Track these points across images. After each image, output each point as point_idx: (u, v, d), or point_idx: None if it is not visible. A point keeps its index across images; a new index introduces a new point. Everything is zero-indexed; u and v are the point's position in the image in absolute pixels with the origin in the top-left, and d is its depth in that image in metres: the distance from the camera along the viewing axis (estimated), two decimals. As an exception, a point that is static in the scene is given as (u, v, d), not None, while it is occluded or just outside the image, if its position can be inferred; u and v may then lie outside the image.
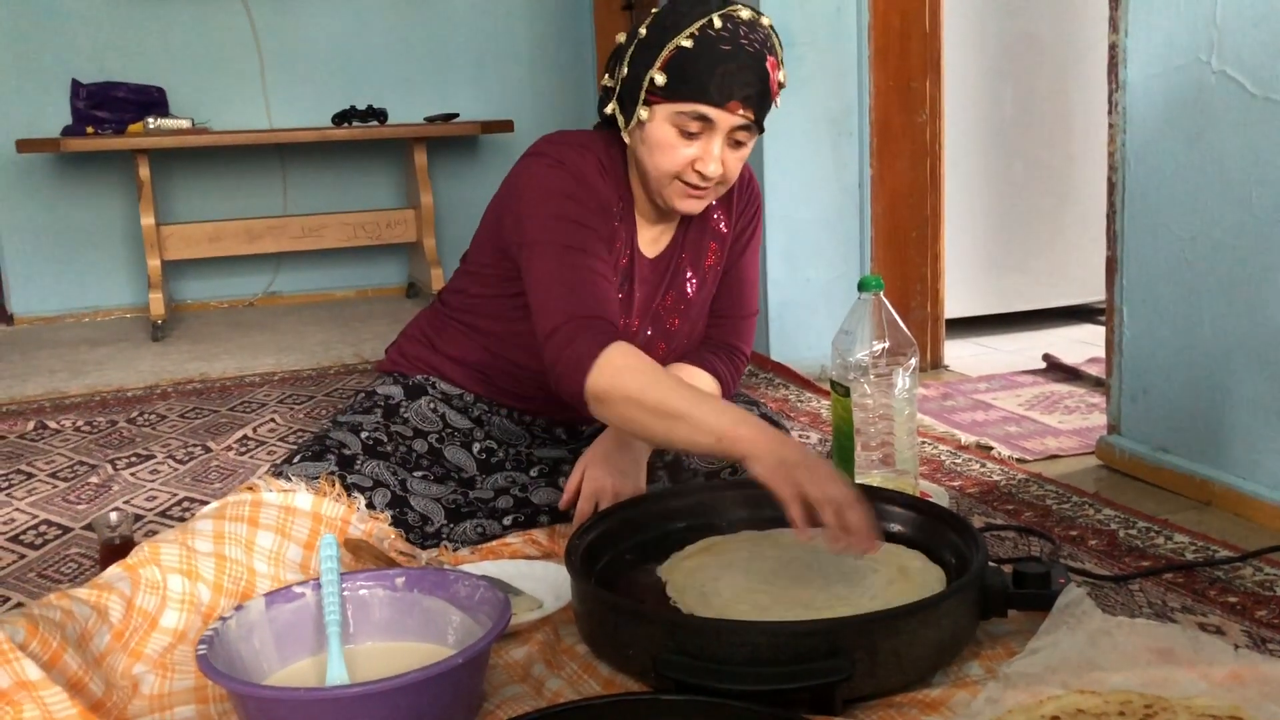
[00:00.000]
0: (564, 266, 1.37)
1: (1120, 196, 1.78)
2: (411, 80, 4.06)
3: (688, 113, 1.36)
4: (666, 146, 1.39)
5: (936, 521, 1.32)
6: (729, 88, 1.34)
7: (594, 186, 1.45)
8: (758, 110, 1.38)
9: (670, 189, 1.43)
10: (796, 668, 1.01)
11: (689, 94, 1.35)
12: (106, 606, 1.16)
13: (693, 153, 1.39)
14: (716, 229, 1.60)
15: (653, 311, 1.58)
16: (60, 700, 0.98)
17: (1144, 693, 0.98)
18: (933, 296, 2.63)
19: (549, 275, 1.37)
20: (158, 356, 3.10)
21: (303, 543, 1.36)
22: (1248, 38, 1.52)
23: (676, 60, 1.35)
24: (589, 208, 1.43)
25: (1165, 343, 1.71)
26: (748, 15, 1.38)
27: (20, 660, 0.98)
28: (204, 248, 3.60)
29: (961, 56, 2.81)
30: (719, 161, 1.39)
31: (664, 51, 1.36)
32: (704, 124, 1.37)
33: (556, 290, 1.35)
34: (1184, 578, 1.35)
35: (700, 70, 1.34)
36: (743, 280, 1.65)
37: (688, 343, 1.63)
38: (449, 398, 1.64)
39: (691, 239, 1.59)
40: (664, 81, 1.36)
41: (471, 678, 1.03)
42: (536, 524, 1.52)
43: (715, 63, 1.34)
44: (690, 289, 1.59)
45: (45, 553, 1.60)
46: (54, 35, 3.70)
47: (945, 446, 1.97)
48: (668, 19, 1.38)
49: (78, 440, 2.20)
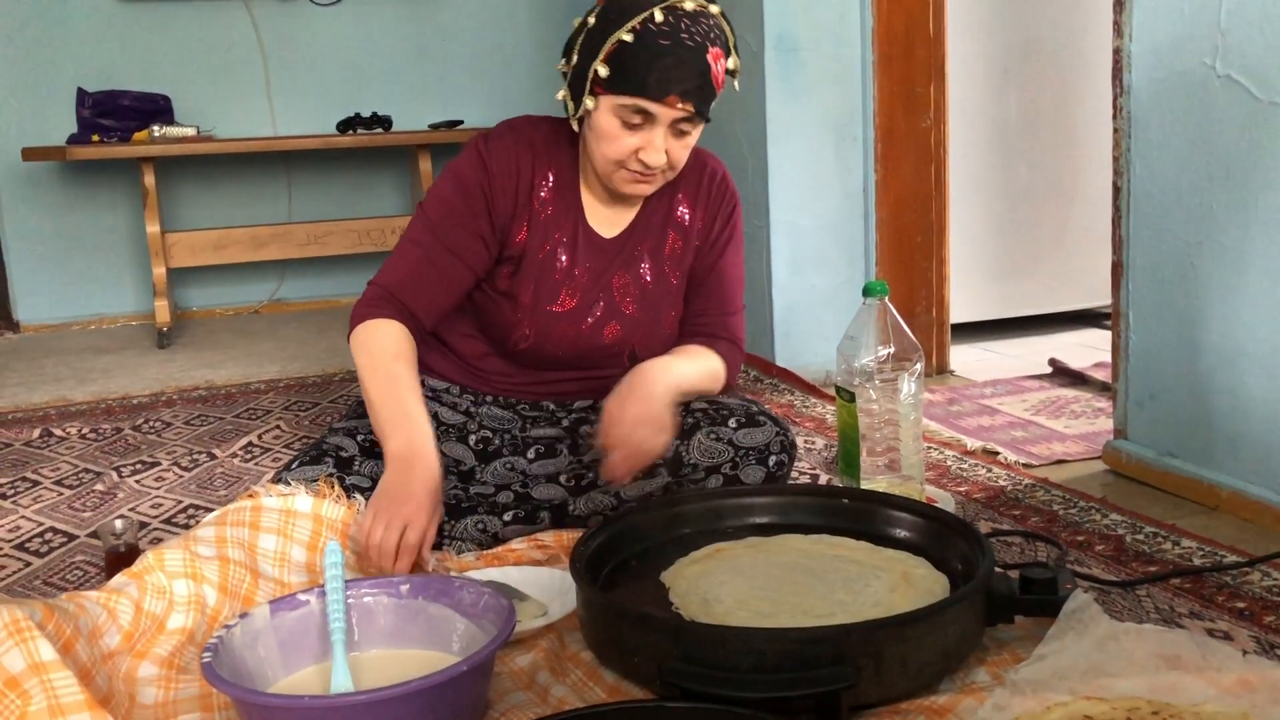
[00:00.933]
0: (414, 248, 1.53)
1: (1125, 201, 1.77)
2: (416, 87, 4.07)
3: (629, 106, 1.40)
4: (611, 136, 1.43)
5: (943, 527, 1.32)
6: (666, 83, 1.38)
7: (502, 168, 1.53)
8: (698, 102, 1.41)
9: (616, 175, 1.48)
10: (802, 675, 1.00)
11: (629, 88, 1.39)
12: (116, 609, 1.17)
13: (635, 142, 1.43)
14: (680, 221, 1.62)
15: (605, 288, 1.59)
16: (69, 685, 0.98)
17: (1152, 699, 0.97)
18: (938, 301, 2.63)
19: (400, 254, 1.54)
20: (163, 364, 3.11)
21: (305, 544, 1.37)
22: (1252, 42, 1.51)
23: (618, 54, 1.39)
24: (472, 205, 1.52)
25: (1171, 347, 1.71)
26: (692, 6, 1.40)
27: (35, 639, 0.98)
28: (209, 255, 3.60)
29: (965, 61, 2.81)
30: (661, 151, 1.44)
31: (607, 44, 1.40)
32: (645, 116, 1.41)
33: (393, 265, 1.53)
34: (1191, 583, 1.35)
35: (639, 65, 1.38)
36: (723, 279, 1.64)
37: (651, 333, 1.62)
38: (438, 393, 1.66)
39: (654, 225, 1.61)
40: (607, 74, 1.40)
41: (476, 685, 1.03)
42: (537, 520, 1.52)
43: (654, 58, 1.37)
44: (646, 275, 1.60)
45: (50, 560, 1.60)
46: (59, 43, 3.71)
47: (951, 452, 1.97)
48: (613, 10, 1.41)
49: (83, 447, 2.20)
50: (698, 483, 1.53)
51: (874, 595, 1.19)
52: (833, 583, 1.22)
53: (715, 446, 1.55)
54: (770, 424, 1.57)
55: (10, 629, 0.98)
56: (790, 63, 2.54)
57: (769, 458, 1.55)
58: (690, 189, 1.62)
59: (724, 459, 1.55)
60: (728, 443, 1.55)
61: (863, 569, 1.26)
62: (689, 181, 1.61)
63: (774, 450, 1.55)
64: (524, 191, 1.54)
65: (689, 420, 1.57)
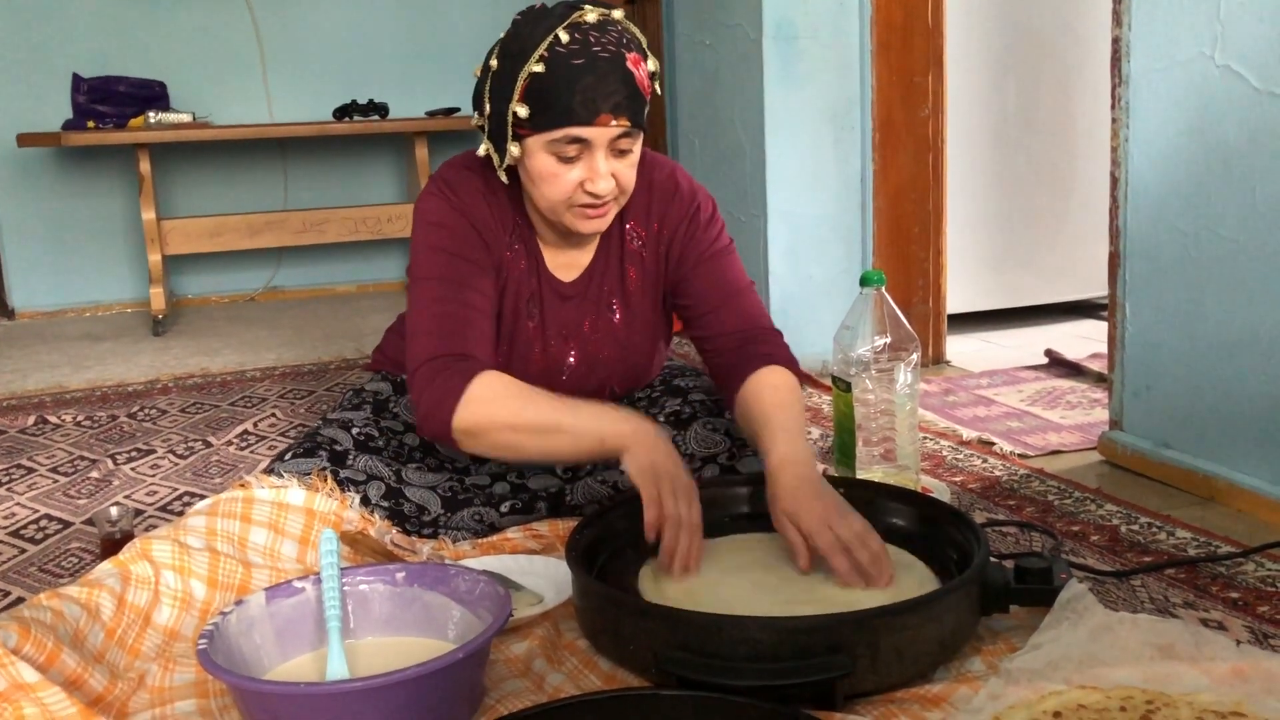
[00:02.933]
0: (435, 302, 1.38)
1: (1123, 191, 1.77)
2: (412, 74, 4.06)
3: (560, 139, 1.31)
4: (550, 176, 1.34)
5: (938, 517, 1.32)
6: (593, 103, 1.29)
7: (478, 215, 1.43)
8: (630, 115, 1.32)
9: (568, 215, 1.38)
10: (798, 663, 1.00)
11: (555, 120, 1.30)
12: (98, 605, 1.16)
13: (577, 175, 1.34)
14: (634, 251, 1.53)
15: (578, 337, 1.53)
16: (59, 700, 0.98)
17: (1146, 688, 0.98)
18: (935, 292, 2.63)
19: (420, 312, 1.38)
20: (158, 351, 3.10)
21: (297, 538, 1.36)
22: (1252, 32, 1.51)
23: (533, 88, 1.30)
24: (468, 240, 1.41)
25: (1168, 338, 1.71)
26: (594, 17, 1.32)
27: (15, 664, 0.98)
28: (205, 242, 3.59)
29: (964, 51, 2.80)
30: (607, 176, 1.34)
31: (519, 82, 1.30)
32: (580, 145, 1.32)
33: (425, 327, 1.36)
34: (1186, 573, 1.35)
35: (559, 93, 1.28)
36: (715, 268, 1.51)
37: (629, 370, 1.57)
38: None
39: (612, 263, 1.53)
40: (527, 114, 1.31)
41: (472, 673, 1.03)
42: (534, 510, 1.52)
43: (572, 81, 1.28)
44: (617, 315, 1.54)
45: (46, 547, 1.60)
46: (55, 29, 3.70)
47: (947, 442, 1.97)
48: (513, 45, 1.33)
49: (78, 435, 2.20)
50: (695, 472, 1.53)
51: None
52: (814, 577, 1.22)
53: (712, 437, 1.55)
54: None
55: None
56: (789, 52, 2.53)
57: None
58: (637, 210, 1.51)
59: (721, 449, 1.55)
60: (724, 433, 1.55)
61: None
62: (634, 202, 1.50)
63: None
64: (499, 243, 1.45)
65: (686, 411, 1.56)
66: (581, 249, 1.52)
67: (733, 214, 2.73)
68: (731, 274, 1.53)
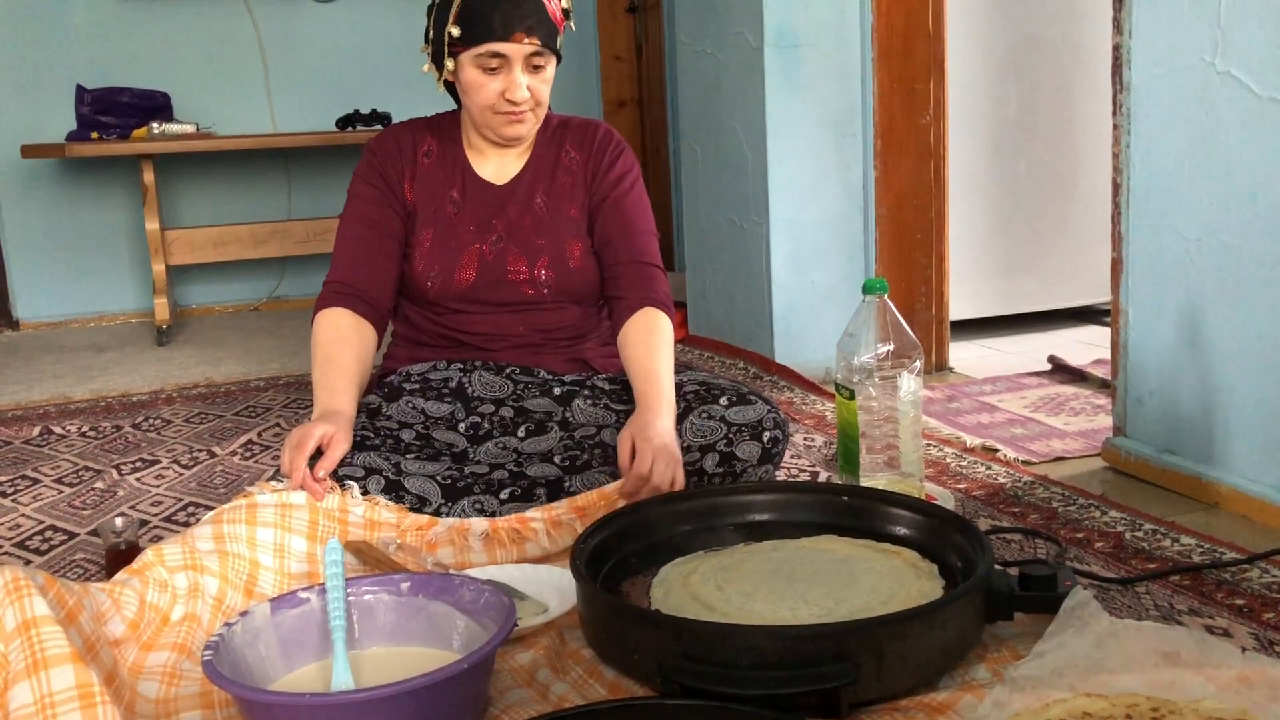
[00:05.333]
0: (347, 239, 1.71)
1: (1125, 198, 1.77)
2: (414, 84, 4.05)
3: (484, 53, 1.59)
4: (477, 86, 1.62)
5: (942, 524, 1.31)
6: (510, 22, 1.56)
7: (389, 152, 1.73)
8: (543, 37, 1.59)
9: (494, 121, 1.65)
10: (802, 672, 1.00)
11: (479, 37, 1.58)
12: (121, 600, 1.19)
13: (499, 85, 1.61)
14: (568, 164, 1.76)
15: (503, 219, 1.72)
16: (56, 639, 0.97)
17: (1151, 695, 0.97)
18: (937, 299, 2.63)
19: (338, 244, 1.72)
20: (163, 361, 3.11)
21: (304, 534, 1.39)
22: (1252, 38, 1.51)
23: (464, 11, 1.58)
24: (378, 185, 1.71)
25: (1171, 344, 1.71)
26: None
27: (33, 596, 0.99)
28: (209, 252, 3.60)
29: (965, 58, 2.81)
30: (523, 87, 1.61)
31: (453, 7, 1.59)
32: (500, 59, 1.59)
33: (335, 258, 1.71)
34: (1191, 580, 1.35)
35: (482, 14, 1.57)
36: (623, 207, 1.73)
37: (557, 260, 1.70)
38: (426, 378, 1.69)
39: (544, 169, 1.75)
40: (459, 33, 1.59)
41: (477, 682, 1.03)
42: (534, 498, 1.53)
43: (495, 5, 1.56)
44: (541, 206, 1.73)
45: (51, 558, 1.60)
46: (59, 41, 3.71)
47: (950, 449, 1.97)
48: None
49: (83, 445, 2.21)
50: (693, 463, 1.54)
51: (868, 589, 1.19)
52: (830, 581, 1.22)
53: (708, 425, 1.57)
54: (761, 402, 1.62)
55: (9, 588, 0.99)
56: (790, 59, 2.53)
57: (763, 433, 1.57)
58: (576, 140, 1.77)
59: (717, 436, 1.56)
60: (720, 420, 1.57)
61: (859, 564, 1.25)
62: (575, 135, 1.77)
63: (767, 426, 1.58)
64: (407, 155, 1.73)
65: (680, 405, 1.58)
66: (514, 158, 1.76)
67: (735, 221, 2.74)
68: (635, 215, 1.75)
